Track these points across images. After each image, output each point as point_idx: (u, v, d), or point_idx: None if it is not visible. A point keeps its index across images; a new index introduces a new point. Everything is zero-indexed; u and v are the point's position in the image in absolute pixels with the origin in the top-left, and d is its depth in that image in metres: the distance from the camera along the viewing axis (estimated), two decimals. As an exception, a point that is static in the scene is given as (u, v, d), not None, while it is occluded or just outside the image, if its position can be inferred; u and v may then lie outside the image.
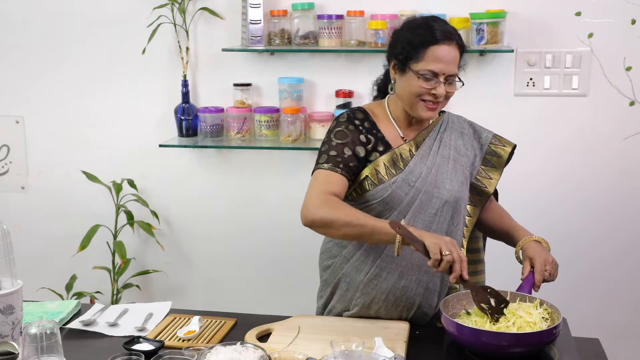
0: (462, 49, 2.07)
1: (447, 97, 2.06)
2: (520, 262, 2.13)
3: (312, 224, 1.96)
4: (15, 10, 3.28)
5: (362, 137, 2.09)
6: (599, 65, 2.97)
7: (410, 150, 2.11)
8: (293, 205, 3.23)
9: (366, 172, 2.07)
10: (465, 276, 1.83)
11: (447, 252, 1.80)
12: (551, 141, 3.05)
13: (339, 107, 3.08)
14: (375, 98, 2.28)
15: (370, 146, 2.09)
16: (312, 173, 2.09)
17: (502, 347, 1.79)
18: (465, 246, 2.22)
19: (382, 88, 2.26)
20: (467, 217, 2.21)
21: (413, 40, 2.02)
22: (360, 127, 2.11)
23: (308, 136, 3.13)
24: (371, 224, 1.91)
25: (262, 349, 1.74)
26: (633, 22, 2.92)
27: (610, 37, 2.94)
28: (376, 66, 3.05)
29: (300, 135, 3.10)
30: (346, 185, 2.04)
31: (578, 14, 2.94)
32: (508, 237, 2.23)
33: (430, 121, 2.18)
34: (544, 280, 2.06)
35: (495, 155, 2.23)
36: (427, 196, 2.08)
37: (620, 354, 2.98)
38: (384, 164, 2.07)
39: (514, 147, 2.25)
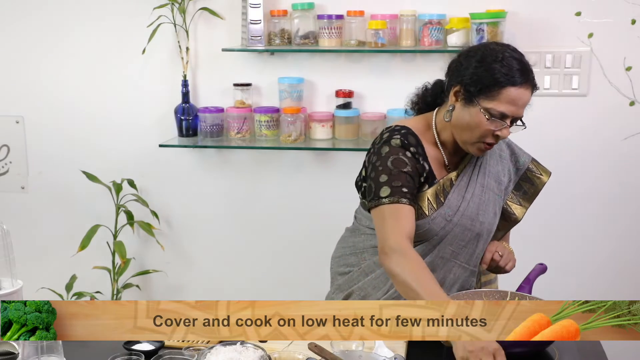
0: (534, 88, 1.94)
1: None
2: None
3: (387, 271, 1.88)
4: (15, 10, 3.28)
5: (419, 167, 1.96)
6: (599, 65, 2.97)
7: (451, 180, 2.02)
8: (293, 205, 3.26)
9: None
10: None
11: None
12: (551, 141, 3.05)
13: (339, 107, 3.07)
14: (415, 105, 2.12)
15: (422, 177, 1.97)
16: (371, 209, 1.94)
17: (502, 347, 1.79)
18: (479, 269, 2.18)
19: (429, 100, 2.08)
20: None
21: (488, 76, 1.88)
22: (417, 156, 1.96)
23: (308, 136, 3.13)
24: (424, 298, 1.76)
25: (262, 349, 1.73)
26: (633, 22, 2.92)
27: (610, 37, 2.94)
28: (376, 66, 3.08)
29: (300, 135, 3.10)
30: (414, 214, 1.92)
31: (578, 14, 2.93)
32: None
33: None
34: (497, 267, 2.08)
35: (529, 182, 2.15)
36: (461, 229, 2.01)
37: (620, 354, 2.97)
38: (428, 198, 1.98)
39: (550, 174, 2.17)
